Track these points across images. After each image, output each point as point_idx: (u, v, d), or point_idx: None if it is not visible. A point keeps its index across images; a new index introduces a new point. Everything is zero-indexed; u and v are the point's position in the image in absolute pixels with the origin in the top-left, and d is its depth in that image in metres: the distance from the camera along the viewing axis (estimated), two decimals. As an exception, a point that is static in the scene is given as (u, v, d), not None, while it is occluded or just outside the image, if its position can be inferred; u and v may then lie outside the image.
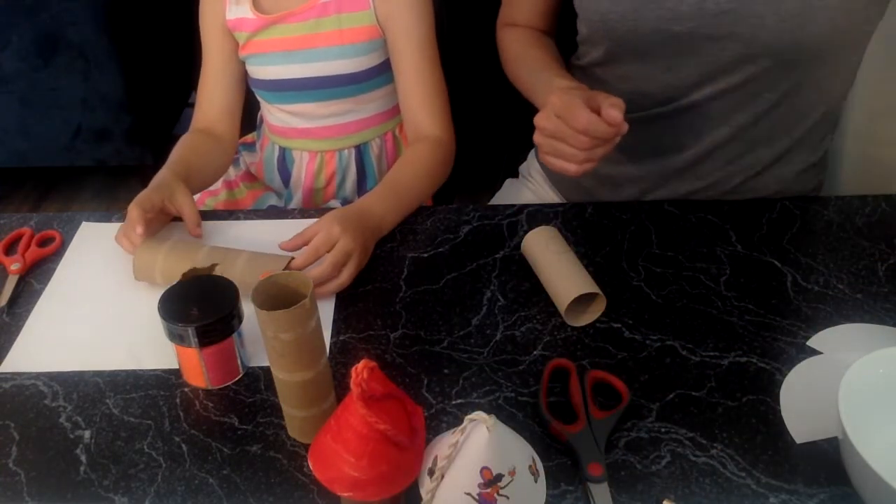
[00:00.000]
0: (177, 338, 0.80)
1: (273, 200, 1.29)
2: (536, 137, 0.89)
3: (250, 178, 1.33)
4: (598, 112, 0.83)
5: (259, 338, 0.73)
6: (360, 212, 0.96)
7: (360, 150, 1.23)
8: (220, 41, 1.16)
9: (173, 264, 0.91)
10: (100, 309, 0.93)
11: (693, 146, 1.05)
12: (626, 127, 0.84)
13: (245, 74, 1.19)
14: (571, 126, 0.84)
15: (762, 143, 1.03)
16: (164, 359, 0.85)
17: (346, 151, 1.23)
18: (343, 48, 1.12)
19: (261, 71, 1.16)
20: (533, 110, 0.93)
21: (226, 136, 1.18)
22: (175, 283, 0.83)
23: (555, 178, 1.22)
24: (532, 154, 1.29)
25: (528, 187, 1.26)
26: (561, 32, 1.17)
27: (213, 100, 1.18)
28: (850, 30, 0.93)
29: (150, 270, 0.93)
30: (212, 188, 1.29)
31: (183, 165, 1.07)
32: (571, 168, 0.87)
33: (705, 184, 1.07)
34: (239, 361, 0.83)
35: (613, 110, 0.82)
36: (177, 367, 0.84)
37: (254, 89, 1.21)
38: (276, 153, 1.26)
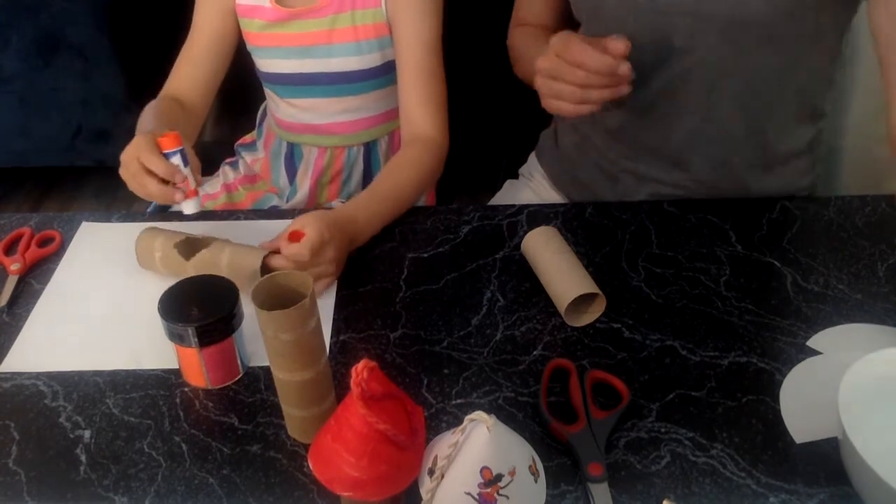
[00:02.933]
0: (177, 338, 0.80)
1: (273, 202, 1.29)
2: (537, 80, 0.88)
3: (249, 180, 1.33)
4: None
5: (259, 338, 0.73)
6: (346, 220, 0.94)
7: (369, 148, 1.23)
8: (218, 20, 1.15)
9: (170, 249, 0.93)
10: (99, 309, 0.93)
11: (671, 135, 1.05)
12: (626, 67, 0.83)
13: (232, 55, 1.17)
14: (567, 59, 0.84)
15: (741, 137, 1.03)
16: (164, 359, 0.85)
17: (354, 148, 1.23)
18: (357, 44, 1.12)
19: (273, 64, 1.16)
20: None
21: (196, 108, 1.15)
22: (174, 280, 0.83)
23: (554, 175, 1.22)
24: (532, 155, 1.29)
25: (529, 187, 1.26)
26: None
27: (192, 74, 1.15)
28: (792, 9, 0.92)
29: (150, 257, 0.95)
30: (210, 191, 1.29)
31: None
32: (568, 108, 0.87)
33: (696, 179, 1.06)
34: (239, 361, 0.83)
35: (615, 41, 0.82)
36: (177, 367, 0.84)
37: (264, 82, 1.21)
38: (284, 149, 1.26)
